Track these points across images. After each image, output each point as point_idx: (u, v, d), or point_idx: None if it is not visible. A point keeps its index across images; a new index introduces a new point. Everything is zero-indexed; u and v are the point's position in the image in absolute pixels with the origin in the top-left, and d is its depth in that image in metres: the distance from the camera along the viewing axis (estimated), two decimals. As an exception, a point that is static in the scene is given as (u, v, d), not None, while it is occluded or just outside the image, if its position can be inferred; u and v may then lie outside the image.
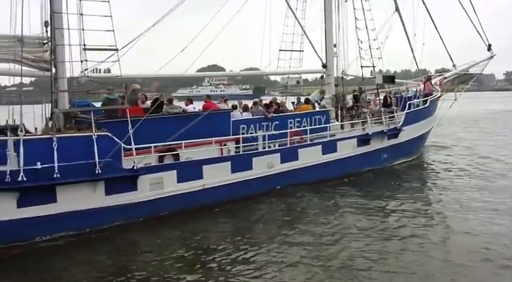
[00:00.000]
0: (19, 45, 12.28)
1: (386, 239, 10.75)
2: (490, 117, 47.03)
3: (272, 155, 15.21)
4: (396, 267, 9.11)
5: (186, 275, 8.96)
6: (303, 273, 8.92)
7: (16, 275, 9.35)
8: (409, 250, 10.00)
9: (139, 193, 12.18)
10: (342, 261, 9.43)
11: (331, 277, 8.73)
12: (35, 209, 10.60)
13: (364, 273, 8.85)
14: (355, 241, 10.58)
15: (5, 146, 10.24)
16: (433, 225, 11.70)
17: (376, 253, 9.80)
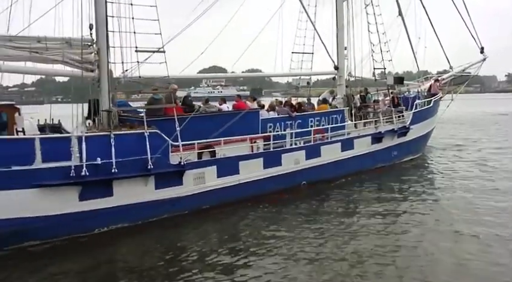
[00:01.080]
0: (67, 47, 12.89)
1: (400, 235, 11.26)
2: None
3: (298, 152, 16.04)
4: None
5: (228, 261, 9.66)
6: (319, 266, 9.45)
7: (78, 262, 9.89)
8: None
9: (185, 187, 12.84)
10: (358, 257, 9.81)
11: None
12: (94, 202, 11.17)
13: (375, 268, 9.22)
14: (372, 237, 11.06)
15: (69, 143, 10.80)
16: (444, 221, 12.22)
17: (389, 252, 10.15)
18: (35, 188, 10.34)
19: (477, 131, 34.98)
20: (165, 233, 11.81)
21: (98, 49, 13.29)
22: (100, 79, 13.41)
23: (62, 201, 10.71)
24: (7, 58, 11.97)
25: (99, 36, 13.25)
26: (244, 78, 47.02)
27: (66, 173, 10.64)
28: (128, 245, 11.00)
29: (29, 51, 12.26)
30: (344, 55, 21.06)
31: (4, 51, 11.80)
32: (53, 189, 10.55)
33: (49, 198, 10.53)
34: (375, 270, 9.09)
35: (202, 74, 21.28)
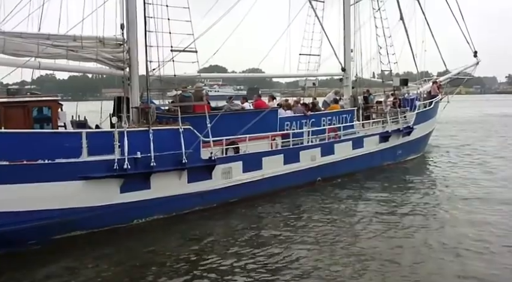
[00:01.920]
0: (101, 45, 13.35)
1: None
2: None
3: (315, 149, 16.73)
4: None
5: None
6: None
7: (120, 251, 10.43)
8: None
9: (214, 181, 13.40)
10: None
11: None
12: (134, 195, 11.67)
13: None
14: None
15: (112, 137, 11.28)
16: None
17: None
18: (82, 180, 10.80)
19: (475, 132, 35.64)
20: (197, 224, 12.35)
21: (129, 48, 13.84)
22: (130, 77, 13.96)
23: (105, 193, 11.19)
24: (46, 56, 12.39)
25: (129, 35, 13.80)
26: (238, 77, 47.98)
27: (110, 166, 11.13)
28: (164, 236, 11.46)
29: (66, 50, 12.72)
30: (350, 57, 21.88)
31: (44, 49, 12.23)
32: (98, 181, 11.03)
33: (94, 190, 11.00)
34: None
35: (228, 73, 22.00)
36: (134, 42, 13.81)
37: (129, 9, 13.67)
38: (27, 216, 10.03)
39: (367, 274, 8.89)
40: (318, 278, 8.82)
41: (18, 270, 9.22)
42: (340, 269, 9.13)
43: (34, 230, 10.15)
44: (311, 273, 9.02)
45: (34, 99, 11.32)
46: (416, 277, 8.79)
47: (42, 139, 10.56)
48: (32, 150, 10.19)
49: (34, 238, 10.23)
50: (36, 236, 10.25)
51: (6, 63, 11.89)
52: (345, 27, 21.81)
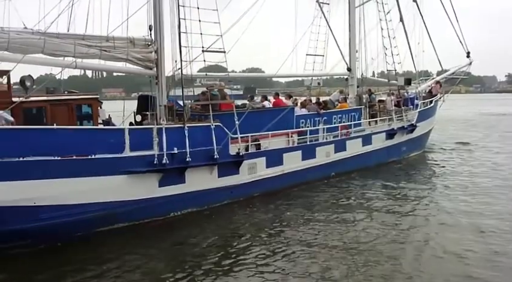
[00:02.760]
0: (131, 45, 13.83)
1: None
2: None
3: (329, 145, 17.46)
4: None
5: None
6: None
7: (156, 243, 10.92)
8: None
9: (241, 176, 14.00)
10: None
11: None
12: (171, 189, 12.21)
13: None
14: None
15: (151, 133, 11.80)
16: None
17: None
18: (124, 174, 11.30)
19: (474, 130, 36.34)
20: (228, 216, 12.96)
21: (157, 48, 14.34)
22: (158, 76, 14.47)
23: (145, 187, 11.70)
24: (81, 56, 12.82)
25: (157, 36, 14.31)
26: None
27: (150, 161, 11.66)
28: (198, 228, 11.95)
29: (100, 50, 13.17)
30: (355, 58, 22.68)
31: (79, 49, 12.66)
32: (139, 175, 11.54)
33: (135, 184, 11.51)
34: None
35: (257, 73, 22.68)
36: (161, 42, 14.40)
37: (156, 11, 14.30)
38: (76, 209, 10.50)
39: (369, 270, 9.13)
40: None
41: (64, 261, 9.65)
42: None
43: (82, 222, 10.62)
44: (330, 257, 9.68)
45: (77, 97, 11.80)
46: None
47: (90, 135, 11.05)
48: (81, 146, 10.65)
49: (81, 230, 10.69)
50: (84, 228, 10.72)
51: (46, 63, 12.34)
52: (350, 28, 22.57)
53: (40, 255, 9.87)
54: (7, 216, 9.60)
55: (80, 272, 9.11)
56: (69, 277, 8.92)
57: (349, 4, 22.67)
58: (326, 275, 8.87)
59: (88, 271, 9.16)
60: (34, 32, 12.17)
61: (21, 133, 9.99)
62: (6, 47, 11.49)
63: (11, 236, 9.66)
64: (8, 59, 11.65)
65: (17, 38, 11.58)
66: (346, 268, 9.13)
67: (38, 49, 11.99)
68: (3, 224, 9.56)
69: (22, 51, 11.86)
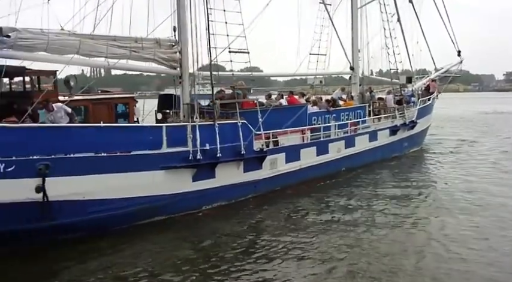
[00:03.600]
0: (157, 46, 14.35)
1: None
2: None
3: (340, 141, 18.24)
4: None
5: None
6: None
7: (189, 235, 11.51)
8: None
9: (263, 171, 14.67)
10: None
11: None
12: (203, 183, 12.82)
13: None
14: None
15: (185, 130, 12.39)
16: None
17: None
18: (163, 169, 11.87)
19: (470, 128, 36.98)
20: (254, 209, 13.63)
21: (181, 49, 14.90)
22: (182, 76, 15.03)
23: (180, 181, 12.29)
24: (113, 56, 13.30)
25: (181, 37, 14.87)
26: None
27: (185, 156, 12.25)
28: (227, 220, 12.60)
29: (129, 50, 13.67)
30: (358, 57, 23.54)
31: (111, 50, 13.15)
32: (175, 170, 12.12)
33: (172, 178, 12.08)
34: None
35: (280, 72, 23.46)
36: (185, 43, 14.96)
37: (180, 12, 14.85)
38: (120, 203, 11.04)
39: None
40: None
41: (107, 252, 10.16)
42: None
43: (125, 216, 11.17)
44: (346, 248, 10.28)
45: (116, 96, 12.33)
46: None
47: (132, 132, 11.60)
48: (124, 142, 11.20)
49: (124, 223, 11.24)
50: (126, 222, 11.26)
51: (82, 63, 12.83)
52: (353, 28, 23.41)
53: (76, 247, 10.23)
54: (59, 210, 10.09)
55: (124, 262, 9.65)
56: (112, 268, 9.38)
57: (352, 5, 23.53)
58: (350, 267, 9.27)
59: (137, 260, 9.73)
60: (70, 33, 12.65)
61: (72, 130, 10.50)
62: (45, 48, 11.94)
63: (62, 229, 10.16)
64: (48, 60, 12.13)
65: (56, 39, 12.02)
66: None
67: (74, 50, 12.43)
68: (55, 218, 10.05)
69: (59, 52, 12.33)
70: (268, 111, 14.78)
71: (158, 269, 9.25)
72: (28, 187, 9.67)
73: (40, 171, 9.70)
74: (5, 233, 9.44)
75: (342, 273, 8.93)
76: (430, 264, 9.29)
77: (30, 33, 11.59)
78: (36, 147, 9.82)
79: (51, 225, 10.01)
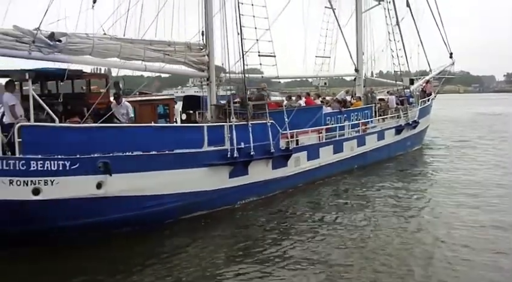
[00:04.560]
0: (188, 50, 15.03)
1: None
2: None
3: (353, 140, 19.18)
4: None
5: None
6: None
7: (226, 227, 12.33)
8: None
9: (288, 168, 15.48)
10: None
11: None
12: (238, 180, 13.55)
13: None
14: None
15: (223, 130, 13.12)
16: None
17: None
18: (204, 167, 12.58)
19: (470, 129, 37.68)
20: (284, 204, 14.42)
21: (208, 52, 15.61)
22: (209, 78, 15.74)
23: (219, 178, 13.01)
24: (149, 59, 13.94)
25: (208, 41, 15.59)
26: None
27: (224, 154, 12.98)
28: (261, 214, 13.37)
29: (163, 54, 14.33)
30: (362, 60, 24.58)
31: (148, 54, 13.79)
32: (215, 168, 12.84)
33: (212, 175, 12.80)
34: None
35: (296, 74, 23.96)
36: (212, 48, 15.69)
37: (208, 17, 15.57)
38: (169, 199, 11.72)
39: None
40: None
41: (152, 245, 10.77)
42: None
43: (173, 210, 11.85)
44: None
45: (158, 98, 12.99)
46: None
47: (178, 132, 12.28)
48: (172, 141, 11.88)
49: (171, 217, 11.92)
50: (173, 216, 11.95)
51: (122, 66, 13.40)
52: (357, 32, 24.45)
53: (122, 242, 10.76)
54: (117, 205, 10.72)
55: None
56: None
57: (357, 9, 24.55)
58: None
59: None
60: (112, 37, 13.26)
61: (128, 130, 11.15)
62: (90, 52, 12.52)
63: (119, 224, 10.79)
64: (93, 63, 12.74)
65: (100, 43, 12.62)
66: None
67: (115, 53, 13.03)
68: (113, 212, 10.67)
69: (102, 56, 12.93)
70: (293, 112, 15.59)
71: (206, 262, 9.80)
72: (90, 183, 10.29)
73: (101, 169, 10.33)
74: (70, 227, 10.05)
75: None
76: (439, 270, 9.20)
77: (78, 38, 12.19)
78: (97, 145, 10.45)
79: (108, 219, 10.62)
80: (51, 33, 11.54)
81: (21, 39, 11.13)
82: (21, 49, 11.11)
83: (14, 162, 9.42)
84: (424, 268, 9.23)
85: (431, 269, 9.22)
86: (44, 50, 11.41)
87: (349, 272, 9.06)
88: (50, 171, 9.72)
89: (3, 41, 10.79)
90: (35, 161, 9.57)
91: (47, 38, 11.44)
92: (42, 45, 11.37)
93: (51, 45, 11.48)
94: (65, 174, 9.88)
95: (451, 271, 9.09)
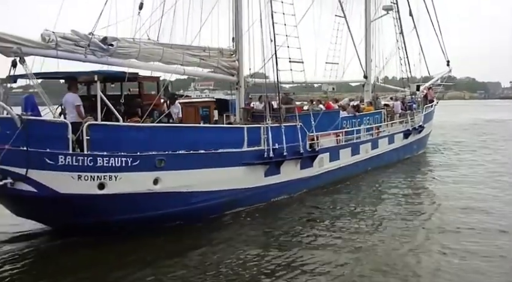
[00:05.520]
0: (220, 55, 15.80)
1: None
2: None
3: (367, 143, 20.11)
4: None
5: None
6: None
7: (265, 222, 12.99)
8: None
9: (314, 169, 16.30)
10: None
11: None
12: (271, 178, 14.33)
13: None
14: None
15: (260, 131, 13.89)
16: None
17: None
18: (243, 166, 13.33)
19: (473, 134, 38.67)
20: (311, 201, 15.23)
21: (238, 58, 16.41)
22: (239, 82, 16.53)
23: (256, 176, 13.78)
24: (187, 64, 14.66)
25: (238, 47, 16.39)
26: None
27: (261, 154, 13.76)
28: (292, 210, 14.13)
29: (199, 58, 15.08)
30: (371, 66, 25.62)
31: (186, 58, 14.52)
32: (253, 167, 13.60)
33: (250, 174, 13.56)
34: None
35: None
36: (241, 52, 16.49)
37: (238, 24, 16.38)
38: (214, 195, 12.44)
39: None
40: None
41: (198, 236, 11.48)
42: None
43: (216, 206, 12.58)
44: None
45: (200, 100, 13.73)
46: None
47: (222, 132, 13.04)
48: (216, 141, 12.62)
49: (215, 213, 12.64)
50: (216, 212, 12.67)
51: (163, 70, 14.11)
52: (366, 40, 25.52)
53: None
54: (169, 200, 11.41)
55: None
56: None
57: (366, 19, 25.60)
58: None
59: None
60: (155, 42, 13.99)
61: (181, 130, 11.86)
62: (137, 56, 13.23)
63: (170, 218, 11.48)
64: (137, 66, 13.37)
65: (145, 48, 13.33)
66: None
67: (157, 58, 13.76)
68: (165, 207, 11.36)
69: (146, 60, 13.64)
70: (319, 115, 16.44)
71: (246, 253, 10.41)
72: (148, 179, 10.98)
73: (157, 166, 11.03)
74: (128, 220, 10.71)
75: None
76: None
77: (127, 42, 12.91)
78: (154, 144, 11.14)
79: (163, 213, 11.31)
80: (104, 38, 12.25)
81: (79, 43, 11.83)
82: (77, 52, 11.80)
83: (83, 158, 10.07)
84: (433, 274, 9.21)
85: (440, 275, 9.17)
86: (98, 53, 12.12)
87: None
88: (114, 167, 10.39)
89: (63, 44, 11.47)
90: (101, 158, 10.23)
91: (100, 42, 12.17)
92: (96, 49, 12.08)
93: (104, 49, 12.19)
94: (127, 170, 10.56)
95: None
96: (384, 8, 25.91)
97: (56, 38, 11.27)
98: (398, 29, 25.20)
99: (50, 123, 10.34)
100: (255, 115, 16.31)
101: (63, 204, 10.09)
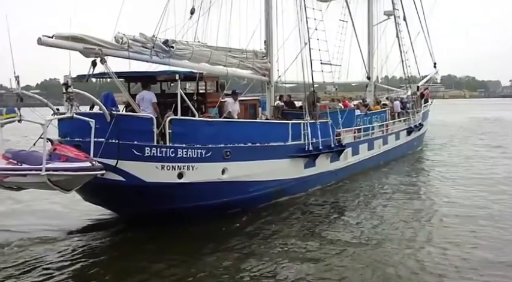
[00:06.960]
0: (255, 57, 16.98)
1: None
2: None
3: (380, 139, 21.66)
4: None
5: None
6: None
7: (306, 210, 14.06)
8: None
9: (339, 162, 17.67)
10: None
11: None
12: (309, 170, 15.62)
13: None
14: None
15: (301, 127, 15.17)
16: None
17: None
18: (288, 158, 14.57)
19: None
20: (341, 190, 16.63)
21: (269, 59, 17.64)
22: (270, 82, 17.76)
23: (297, 168, 15.05)
24: (229, 65, 15.78)
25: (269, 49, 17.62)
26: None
27: (302, 148, 15.06)
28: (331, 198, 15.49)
29: (239, 60, 16.22)
30: (373, 68, 27.26)
31: (229, 60, 15.64)
32: (295, 159, 14.87)
33: (293, 166, 14.82)
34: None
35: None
36: (272, 54, 17.75)
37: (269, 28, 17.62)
38: (265, 185, 13.63)
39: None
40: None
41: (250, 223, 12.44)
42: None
43: (267, 195, 13.77)
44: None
45: (248, 98, 14.87)
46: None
47: (272, 127, 14.26)
48: (268, 135, 13.84)
49: (265, 201, 13.83)
50: (266, 200, 13.86)
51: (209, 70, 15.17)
52: (369, 43, 27.12)
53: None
54: (233, 189, 12.54)
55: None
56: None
57: (368, 23, 27.22)
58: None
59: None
60: (204, 45, 15.07)
61: (243, 125, 13.04)
62: (190, 57, 14.29)
63: (231, 205, 12.61)
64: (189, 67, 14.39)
65: (197, 50, 14.40)
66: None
67: (206, 59, 14.83)
68: (229, 195, 12.48)
69: (197, 61, 14.71)
70: (346, 113, 17.85)
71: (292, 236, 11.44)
72: (218, 169, 12.09)
73: (224, 157, 12.16)
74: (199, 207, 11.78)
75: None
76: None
77: (183, 45, 13.95)
78: (223, 137, 12.27)
79: (226, 201, 12.44)
80: (166, 40, 13.28)
81: (145, 45, 12.83)
82: (144, 54, 12.80)
83: (166, 150, 11.11)
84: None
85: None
86: (160, 54, 13.15)
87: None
88: (192, 158, 11.47)
89: (134, 46, 12.45)
90: (181, 149, 11.30)
91: (162, 44, 13.20)
92: (159, 50, 13.11)
93: (166, 51, 13.22)
94: (202, 161, 11.65)
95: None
96: (385, 13, 27.63)
97: (128, 40, 12.26)
98: (400, 33, 26.85)
99: (137, 118, 11.32)
100: (284, 113, 17.62)
101: (147, 192, 11.08)
